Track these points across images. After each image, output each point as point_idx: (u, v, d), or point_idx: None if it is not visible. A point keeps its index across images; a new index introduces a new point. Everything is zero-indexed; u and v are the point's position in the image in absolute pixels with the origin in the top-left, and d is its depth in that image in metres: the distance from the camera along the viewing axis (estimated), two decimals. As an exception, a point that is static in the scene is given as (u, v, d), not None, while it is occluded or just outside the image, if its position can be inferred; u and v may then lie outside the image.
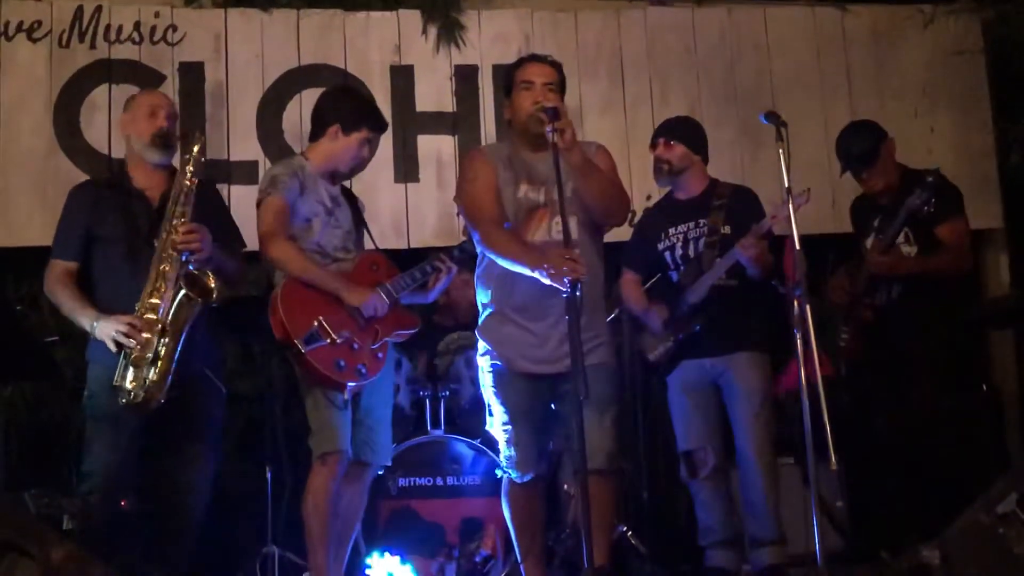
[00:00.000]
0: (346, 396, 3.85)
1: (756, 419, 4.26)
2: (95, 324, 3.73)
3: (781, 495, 4.32)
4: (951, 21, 5.80)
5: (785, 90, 5.69)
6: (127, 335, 3.65)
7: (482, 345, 3.84)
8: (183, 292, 3.67)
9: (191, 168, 3.82)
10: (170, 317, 3.68)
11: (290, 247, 3.91)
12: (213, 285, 3.71)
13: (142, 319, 3.68)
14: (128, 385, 3.63)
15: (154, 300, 3.70)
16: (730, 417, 4.35)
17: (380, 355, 3.96)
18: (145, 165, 4.00)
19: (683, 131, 4.50)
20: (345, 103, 4.17)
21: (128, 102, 4.16)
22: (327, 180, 4.10)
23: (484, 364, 3.83)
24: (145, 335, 3.65)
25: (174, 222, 3.74)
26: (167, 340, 3.66)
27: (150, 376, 3.63)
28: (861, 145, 4.48)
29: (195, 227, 3.74)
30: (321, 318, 3.83)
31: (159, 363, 3.64)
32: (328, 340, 3.82)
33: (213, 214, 4.01)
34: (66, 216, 3.99)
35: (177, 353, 3.67)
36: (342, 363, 3.82)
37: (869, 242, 4.47)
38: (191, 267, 3.69)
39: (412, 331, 4.14)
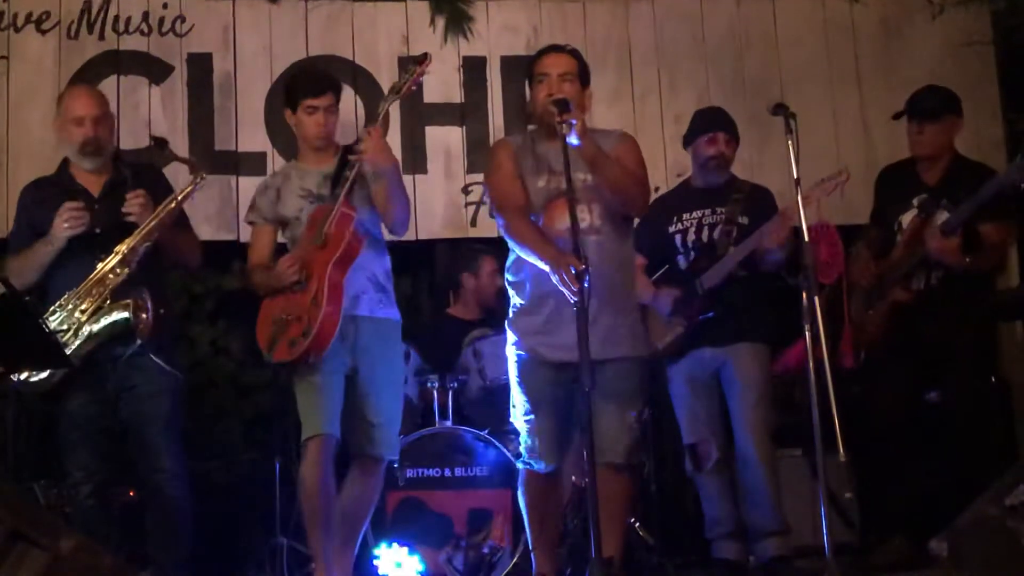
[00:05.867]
0: (311, 361, 3.86)
1: (754, 410, 4.26)
2: None
3: (790, 486, 4.32)
4: (960, 12, 5.76)
5: (794, 81, 5.67)
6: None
7: (510, 335, 3.86)
8: (119, 315, 3.78)
9: (180, 197, 3.93)
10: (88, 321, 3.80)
11: (259, 274, 4.05)
12: (145, 322, 3.78)
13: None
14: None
15: (84, 306, 3.80)
16: (729, 408, 4.35)
17: (317, 300, 3.83)
18: (80, 166, 4.06)
19: (734, 127, 4.50)
20: (286, 87, 4.27)
21: (59, 101, 4.19)
22: (324, 161, 4.08)
23: (511, 354, 3.85)
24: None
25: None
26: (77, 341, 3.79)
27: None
28: (936, 100, 4.39)
29: (137, 193, 3.85)
30: (272, 319, 3.94)
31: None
32: (282, 335, 3.89)
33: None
34: (16, 216, 4.13)
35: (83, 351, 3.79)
36: (294, 341, 3.85)
37: (906, 219, 4.34)
38: (141, 296, 3.78)
39: (355, 255, 3.91)
